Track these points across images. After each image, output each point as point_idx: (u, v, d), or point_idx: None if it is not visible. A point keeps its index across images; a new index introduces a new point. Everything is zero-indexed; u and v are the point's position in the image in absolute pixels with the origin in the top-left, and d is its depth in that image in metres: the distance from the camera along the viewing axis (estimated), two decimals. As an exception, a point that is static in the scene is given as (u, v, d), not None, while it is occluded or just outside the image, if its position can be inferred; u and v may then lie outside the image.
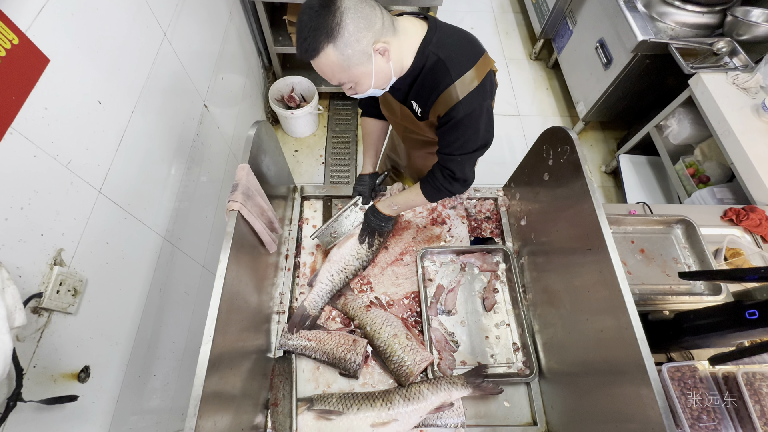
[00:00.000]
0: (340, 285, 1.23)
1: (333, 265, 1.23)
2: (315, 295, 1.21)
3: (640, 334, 0.75)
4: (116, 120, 1.02)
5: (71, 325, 0.86)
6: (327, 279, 1.22)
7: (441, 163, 1.04)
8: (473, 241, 1.40)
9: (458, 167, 1.01)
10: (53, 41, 0.80)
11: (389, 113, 1.15)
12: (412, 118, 1.04)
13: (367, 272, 1.30)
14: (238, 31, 2.09)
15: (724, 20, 2.03)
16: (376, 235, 1.26)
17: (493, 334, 1.22)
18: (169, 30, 1.29)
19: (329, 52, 0.77)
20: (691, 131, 2.05)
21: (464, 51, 0.90)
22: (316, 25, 0.74)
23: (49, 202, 0.80)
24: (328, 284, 1.22)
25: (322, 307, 1.23)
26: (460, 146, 0.97)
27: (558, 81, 3.10)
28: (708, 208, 1.48)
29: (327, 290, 1.22)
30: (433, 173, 1.07)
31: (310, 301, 1.20)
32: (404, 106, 1.03)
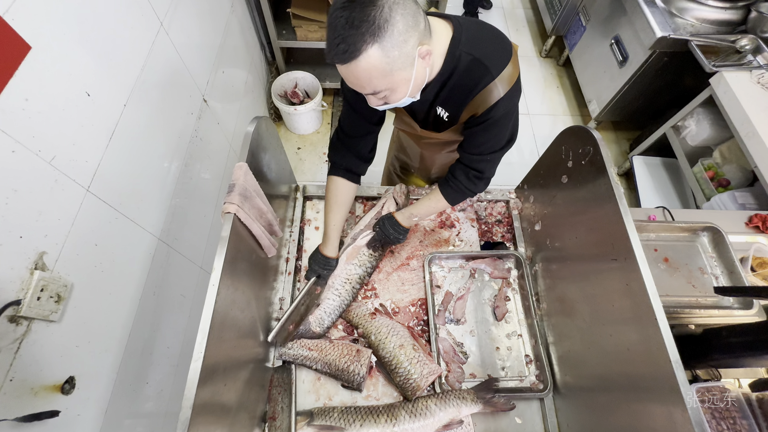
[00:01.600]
0: (349, 297, 1.16)
1: (336, 279, 1.16)
2: (322, 311, 1.13)
3: (674, 357, 0.68)
4: (107, 113, 0.95)
5: (54, 333, 0.80)
6: (334, 294, 1.15)
7: (467, 163, 0.99)
8: (483, 245, 1.33)
9: (488, 166, 0.98)
10: (35, 27, 0.74)
11: (402, 125, 1.09)
12: (438, 122, 0.96)
13: (372, 278, 1.24)
14: (240, 24, 2.02)
15: (747, 16, 1.94)
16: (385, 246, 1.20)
17: (504, 345, 1.15)
18: (166, 19, 1.22)
19: (372, 53, 0.65)
20: (711, 132, 1.97)
21: (498, 46, 0.83)
22: (358, 21, 0.62)
23: (29, 202, 0.74)
24: (335, 299, 1.14)
25: (329, 325, 1.14)
26: (493, 145, 0.93)
27: (569, 79, 3.01)
28: (731, 214, 1.40)
29: (335, 306, 1.14)
30: (455, 176, 1.02)
31: (316, 318, 1.13)
32: (429, 111, 0.95)
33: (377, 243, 1.19)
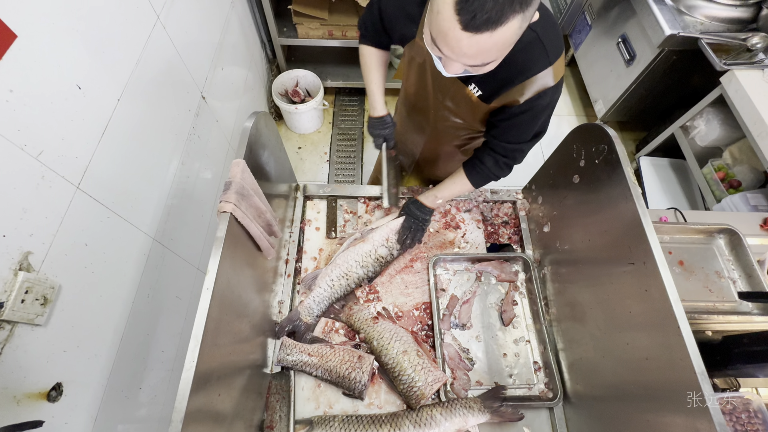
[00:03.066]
0: (340, 293, 1.12)
1: (335, 269, 1.12)
2: (311, 300, 1.10)
3: (699, 367, 0.63)
4: (99, 108, 0.91)
5: (40, 338, 0.76)
6: (326, 284, 1.11)
7: (499, 151, 0.98)
8: (490, 247, 1.29)
9: (522, 155, 0.99)
10: (22, 14, 0.70)
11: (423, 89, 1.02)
12: (466, 100, 0.91)
13: (375, 280, 1.19)
14: (241, 21, 1.99)
15: (758, 14, 1.90)
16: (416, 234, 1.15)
17: (512, 351, 1.10)
18: (162, 13, 1.18)
19: (514, 24, 0.58)
20: (721, 132, 1.92)
21: (556, 30, 0.78)
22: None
23: (13, 199, 0.70)
24: (326, 290, 1.11)
25: (318, 315, 1.11)
26: (529, 133, 0.92)
27: (573, 79, 2.97)
28: (745, 215, 1.35)
29: (325, 296, 1.11)
30: (482, 161, 1.02)
31: (305, 307, 1.10)
32: (459, 85, 0.89)
33: (406, 229, 1.14)
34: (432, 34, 0.66)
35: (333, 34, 2.23)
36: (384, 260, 1.15)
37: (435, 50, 0.69)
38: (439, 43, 0.65)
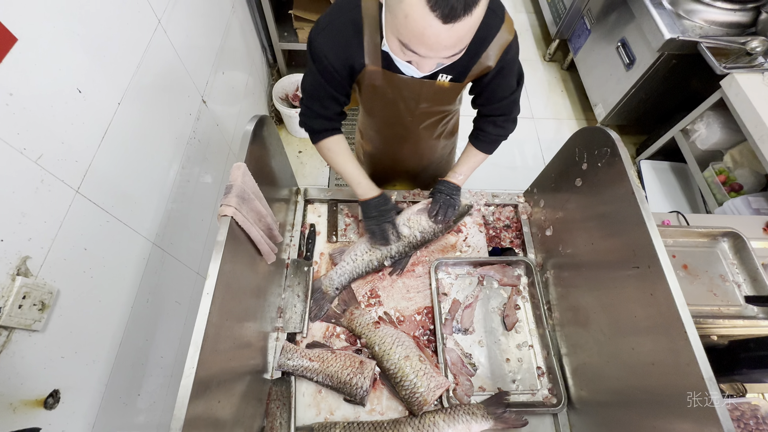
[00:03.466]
0: (363, 269, 1.14)
1: (360, 245, 1.15)
2: (334, 272, 1.14)
3: (707, 373, 0.62)
4: (99, 112, 0.91)
5: (37, 344, 0.75)
6: (350, 258, 1.14)
7: (493, 113, 1.01)
8: (491, 251, 1.28)
9: (515, 106, 1.00)
10: (23, 18, 0.70)
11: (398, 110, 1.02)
12: (440, 92, 0.93)
13: (376, 285, 1.19)
14: (241, 25, 1.99)
15: (757, 18, 1.90)
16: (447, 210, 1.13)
17: (515, 356, 1.09)
18: (164, 17, 1.18)
19: (482, 5, 0.61)
20: (722, 136, 1.92)
21: None
22: None
23: (12, 203, 0.69)
24: (350, 264, 1.14)
25: (338, 288, 1.14)
26: (512, 84, 0.94)
27: (573, 83, 2.98)
28: (747, 219, 1.35)
29: (347, 270, 1.14)
30: (483, 130, 1.05)
31: (328, 278, 1.14)
32: (428, 83, 0.90)
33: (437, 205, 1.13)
34: (402, 40, 0.66)
35: (333, 38, 2.24)
36: (407, 240, 1.15)
37: (408, 55, 0.69)
38: (413, 45, 0.65)
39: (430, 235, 1.16)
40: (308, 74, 0.92)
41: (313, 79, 0.90)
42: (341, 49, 0.83)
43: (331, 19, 0.82)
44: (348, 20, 0.80)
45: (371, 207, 1.07)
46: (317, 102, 0.95)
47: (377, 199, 1.07)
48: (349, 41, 0.82)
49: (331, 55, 0.83)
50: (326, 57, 0.83)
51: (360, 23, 0.80)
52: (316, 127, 1.00)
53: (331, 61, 0.84)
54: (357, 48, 0.83)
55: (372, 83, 0.91)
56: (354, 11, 0.80)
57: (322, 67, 0.86)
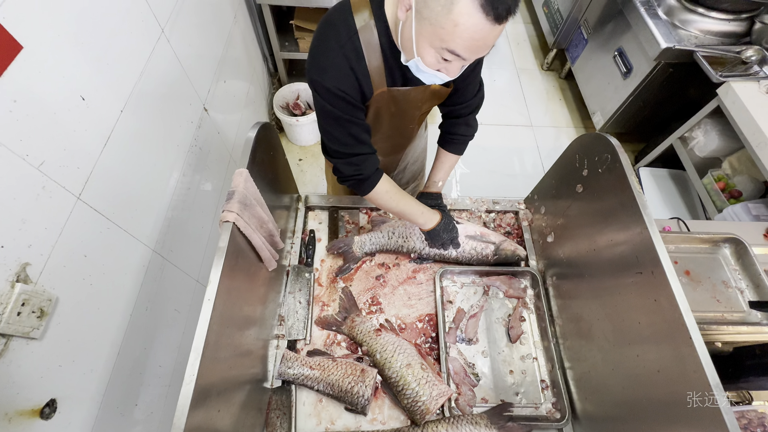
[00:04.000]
0: (392, 247, 1.20)
1: (401, 226, 1.20)
2: (367, 237, 1.19)
3: (714, 379, 0.61)
4: (102, 119, 0.91)
5: (35, 352, 0.73)
6: (387, 232, 1.19)
7: (464, 113, 1.04)
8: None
9: (481, 100, 1.04)
10: (29, 26, 0.71)
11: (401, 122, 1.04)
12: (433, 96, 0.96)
13: (377, 292, 1.18)
14: (243, 35, 2.02)
15: (751, 28, 1.94)
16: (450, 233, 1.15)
17: (519, 368, 1.08)
18: (167, 27, 1.20)
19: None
20: (719, 143, 1.93)
21: None
22: None
23: (13, 209, 0.69)
24: (384, 236, 1.19)
25: (366, 252, 1.20)
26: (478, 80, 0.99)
27: (571, 92, 3.01)
28: (747, 225, 1.35)
29: (379, 240, 1.19)
30: (453, 132, 1.08)
31: (360, 240, 1.18)
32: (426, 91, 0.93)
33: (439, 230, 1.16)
34: (447, 47, 0.67)
35: (334, 48, 2.27)
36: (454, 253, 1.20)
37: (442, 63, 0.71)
38: (460, 50, 0.67)
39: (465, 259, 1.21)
40: (329, 123, 0.87)
41: (338, 122, 0.86)
42: (353, 79, 0.81)
43: (329, 56, 0.79)
44: (349, 50, 0.79)
45: (441, 231, 1.10)
46: (356, 143, 0.90)
47: (443, 222, 1.10)
48: (356, 72, 0.81)
49: (347, 88, 0.81)
50: (344, 92, 0.81)
51: (360, 52, 0.79)
52: (368, 173, 0.93)
53: (349, 94, 0.82)
54: (364, 76, 0.82)
55: (378, 105, 0.91)
56: (352, 40, 0.78)
57: (344, 104, 0.83)
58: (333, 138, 0.89)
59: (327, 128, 0.89)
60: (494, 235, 1.21)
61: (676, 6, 2.02)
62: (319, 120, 0.90)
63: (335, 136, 0.88)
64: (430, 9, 0.64)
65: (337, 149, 0.90)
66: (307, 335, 1.08)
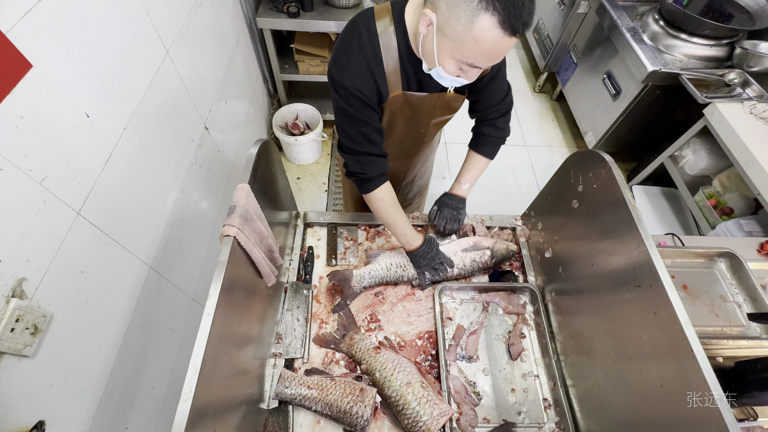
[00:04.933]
0: (391, 279, 1.18)
1: (398, 256, 1.18)
2: (366, 271, 1.16)
3: (718, 393, 0.61)
4: (105, 136, 0.93)
5: (26, 370, 0.72)
6: (385, 264, 1.17)
7: (492, 116, 1.06)
8: (492, 274, 1.27)
9: (511, 104, 1.06)
10: (39, 46, 0.73)
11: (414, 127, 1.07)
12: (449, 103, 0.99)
13: (376, 309, 1.17)
14: (245, 58, 2.08)
15: (732, 53, 2.03)
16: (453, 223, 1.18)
17: (520, 386, 1.06)
18: (172, 49, 1.23)
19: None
20: (709, 162, 1.99)
21: None
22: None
23: (13, 223, 0.68)
24: (383, 269, 1.17)
25: (365, 287, 1.17)
26: (505, 84, 1.02)
27: (564, 113, 3.09)
28: (741, 240, 1.37)
29: (378, 274, 1.17)
30: (483, 133, 1.11)
31: (359, 274, 1.16)
32: (439, 98, 0.96)
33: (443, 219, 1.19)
34: (467, 60, 0.72)
35: (333, 70, 2.33)
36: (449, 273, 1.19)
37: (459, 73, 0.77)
38: (479, 62, 0.72)
39: (467, 272, 1.20)
40: (344, 120, 0.91)
41: (352, 120, 0.90)
42: (371, 81, 0.85)
43: (350, 57, 0.83)
44: (369, 53, 0.83)
45: (419, 256, 1.12)
46: (366, 143, 0.94)
47: (423, 247, 1.12)
48: (374, 73, 0.85)
49: (364, 88, 0.85)
50: (360, 92, 0.85)
51: (379, 54, 0.84)
52: (372, 174, 0.97)
53: (365, 94, 0.86)
54: (381, 78, 0.86)
55: (392, 108, 0.95)
56: (372, 43, 0.83)
57: (359, 104, 0.87)
58: (346, 134, 0.94)
59: (341, 125, 0.93)
60: (485, 240, 1.22)
61: (660, 32, 2.12)
62: (336, 116, 0.94)
63: (348, 133, 0.93)
64: (451, 27, 0.68)
65: (348, 146, 0.96)
66: (305, 353, 1.06)
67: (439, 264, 1.15)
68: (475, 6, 0.64)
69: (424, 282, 1.18)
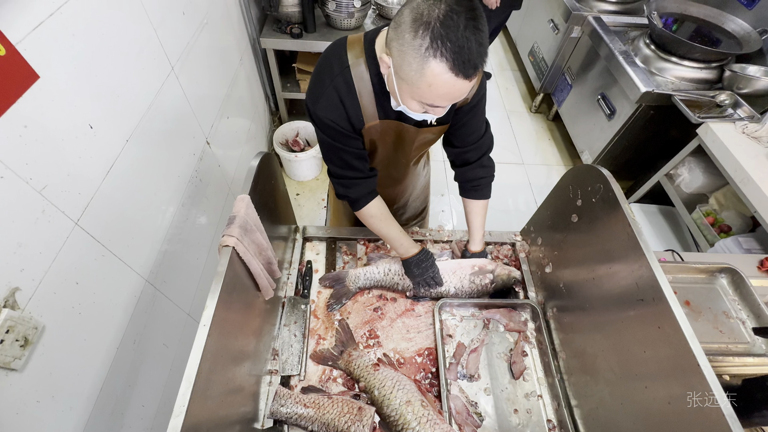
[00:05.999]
0: (387, 284, 1.19)
1: (396, 263, 1.17)
2: (362, 272, 1.17)
3: (727, 409, 0.59)
4: (107, 147, 0.93)
5: (13, 384, 0.69)
6: (383, 269, 1.18)
7: (473, 157, 1.06)
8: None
9: (491, 140, 1.05)
10: (47, 58, 0.74)
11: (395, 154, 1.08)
12: (430, 133, 0.99)
13: (375, 325, 1.15)
14: (248, 76, 2.12)
15: (722, 75, 2.08)
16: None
17: (523, 407, 1.03)
18: (177, 65, 1.26)
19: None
20: (704, 180, 2.01)
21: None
22: (485, 42, 0.65)
23: (10, 231, 0.68)
24: (379, 273, 1.17)
25: (359, 288, 1.18)
26: (483, 119, 1.01)
27: (560, 132, 3.15)
28: (741, 257, 1.36)
29: (374, 277, 1.17)
30: (469, 178, 1.10)
31: (354, 274, 1.17)
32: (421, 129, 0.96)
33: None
34: (425, 101, 0.73)
35: (333, 89, 2.38)
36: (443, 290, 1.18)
37: (425, 110, 0.77)
38: (438, 102, 0.73)
39: (465, 294, 1.19)
40: (324, 147, 0.95)
41: (331, 148, 0.92)
42: (342, 111, 0.86)
43: (322, 88, 0.85)
44: (340, 83, 0.84)
45: (413, 265, 1.11)
46: (347, 168, 0.97)
47: (418, 255, 1.11)
48: (345, 103, 0.86)
49: (336, 118, 0.87)
50: (333, 121, 0.87)
51: (351, 86, 0.84)
52: (355, 196, 1.01)
53: (338, 123, 0.87)
54: (353, 108, 0.87)
55: (371, 137, 0.96)
56: (343, 74, 0.83)
57: (334, 133, 0.89)
58: (329, 160, 0.98)
59: (323, 151, 0.98)
60: (489, 263, 1.20)
61: (652, 56, 2.19)
62: (318, 143, 0.97)
63: (331, 158, 0.98)
64: (405, 72, 0.69)
65: (332, 170, 1.00)
66: (302, 371, 1.03)
67: (431, 279, 1.14)
68: (423, 53, 0.64)
69: (419, 292, 1.16)
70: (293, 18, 2.09)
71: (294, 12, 2.06)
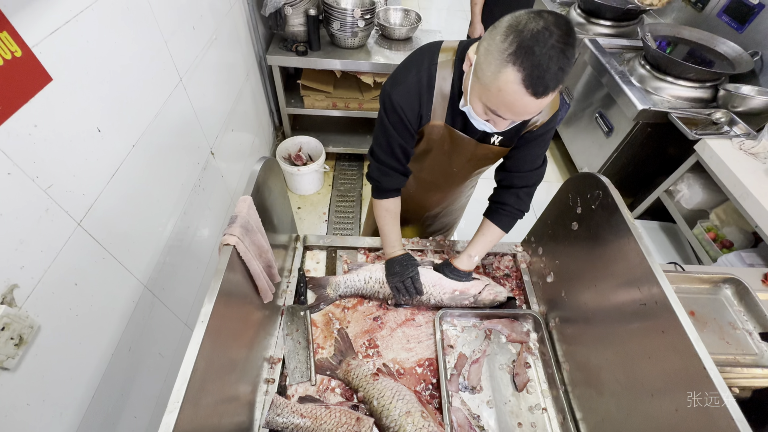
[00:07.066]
0: (368, 292, 1.17)
1: (377, 272, 1.16)
2: (342, 279, 1.16)
3: (737, 414, 0.57)
4: (114, 151, 0.95)
5: (5, 385, 0.68)
6: (364, 277, 1.16)
7: (516, 184, 1.05)
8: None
9: (539, 177, 1.04)
10: (61, 62, 0.77)
11: (448, 162, 1.08)
12: (489, 153, 1.00)
13: (374, 334, 1.13)
14: (253, 92, 2.18)
15: (716, 94, 2.13)
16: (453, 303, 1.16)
17: (527, 420, 1.00)
18: (185, 76, 1.30)
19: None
20: (704, 196, 2.01)
21: None
22: (567, 67, 0.65)
23: (13, 228, 0.68)
24: (360, 281, 1.15)
25: (340, 295, 1.17)
26: (542, 155, 1.00)
27: (559, 150, 3.19)
28: (745, 270, 1.35)
29: (355, 285, 1.16)
30: (503, 202, 1.08)
31: (335, 281, 1.16)
32: (480, 145, 0.98)
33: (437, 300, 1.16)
34: (491, 107, 0.75)
35: (336, 105, 2.44)
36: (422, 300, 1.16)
37: (490, 116, 0.78)
38: (501, 112, 0.74)
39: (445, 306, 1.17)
40: (380, 129, 0.97)
41: (386, 131, 0.95)
42: (415, 103, 0.90)
43: (407, 76, 0.89)
44: (424, 77, 0.88)
45: (394, 263, 1.12)
46: (390, 156, 0.99)
47: (400, 257, 1.12)
48: (422, 96, 0.89)
49: (407, 107, 0.90)
50: (402, 109, 0.90)
51: (433, 81, 0.88)
52: (386, 186, 1.04)
53: (406, 113, 0.90)
54: (427, 102, 0.90)
55: (431, 136, 0.99)
56: (430, 69, 0.88)
57: (397, 120, 0.91)
58: (377, 141, 1.00)
59: (376, 131, 1.00)
60: (474, 286, 1.15)
61: (647, 75, 2.25)
62: (376, 123, 0.99)
63: (379, 140, 0.99)
64: (482, 71, 0.72)
65: (375, 152, 1.02)
66: (313, 376, 1.01)
67: (410, 283, 1.10)
68: (505, 57, 0.66)
69: (399, 299, 1.14)
70: (299, 37, 2.16)
71: (300, 31, 2.13)
